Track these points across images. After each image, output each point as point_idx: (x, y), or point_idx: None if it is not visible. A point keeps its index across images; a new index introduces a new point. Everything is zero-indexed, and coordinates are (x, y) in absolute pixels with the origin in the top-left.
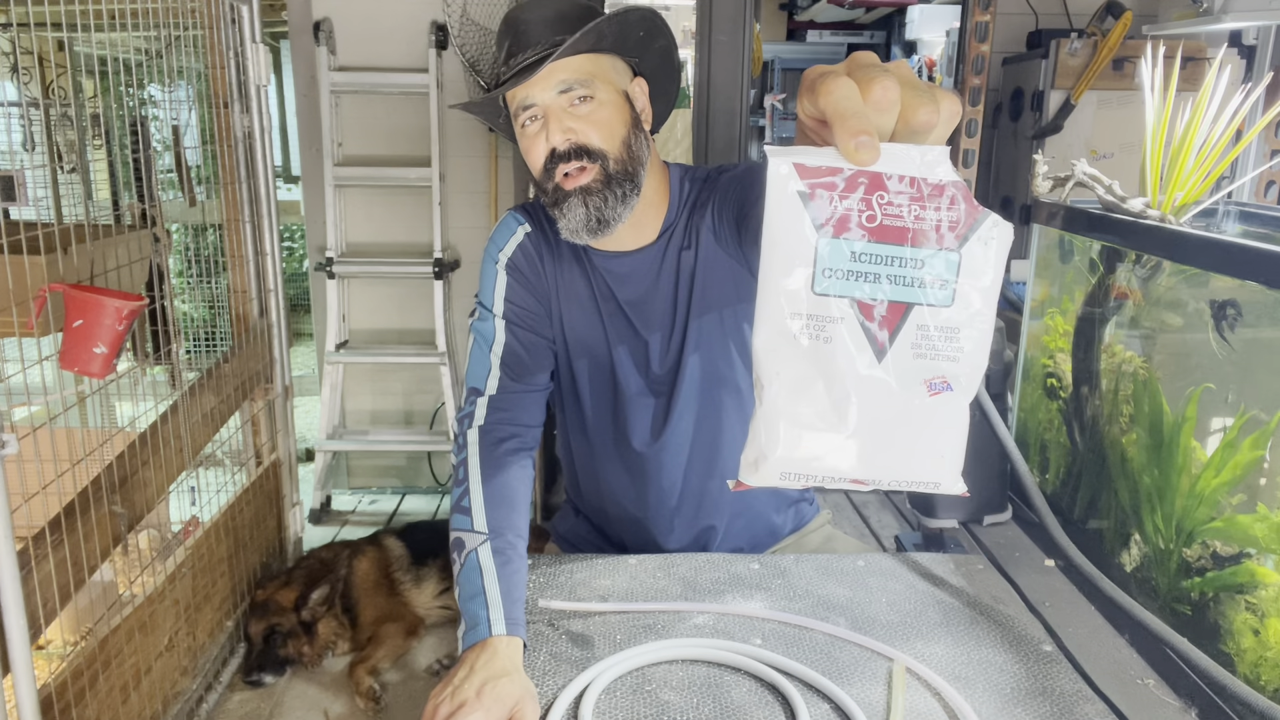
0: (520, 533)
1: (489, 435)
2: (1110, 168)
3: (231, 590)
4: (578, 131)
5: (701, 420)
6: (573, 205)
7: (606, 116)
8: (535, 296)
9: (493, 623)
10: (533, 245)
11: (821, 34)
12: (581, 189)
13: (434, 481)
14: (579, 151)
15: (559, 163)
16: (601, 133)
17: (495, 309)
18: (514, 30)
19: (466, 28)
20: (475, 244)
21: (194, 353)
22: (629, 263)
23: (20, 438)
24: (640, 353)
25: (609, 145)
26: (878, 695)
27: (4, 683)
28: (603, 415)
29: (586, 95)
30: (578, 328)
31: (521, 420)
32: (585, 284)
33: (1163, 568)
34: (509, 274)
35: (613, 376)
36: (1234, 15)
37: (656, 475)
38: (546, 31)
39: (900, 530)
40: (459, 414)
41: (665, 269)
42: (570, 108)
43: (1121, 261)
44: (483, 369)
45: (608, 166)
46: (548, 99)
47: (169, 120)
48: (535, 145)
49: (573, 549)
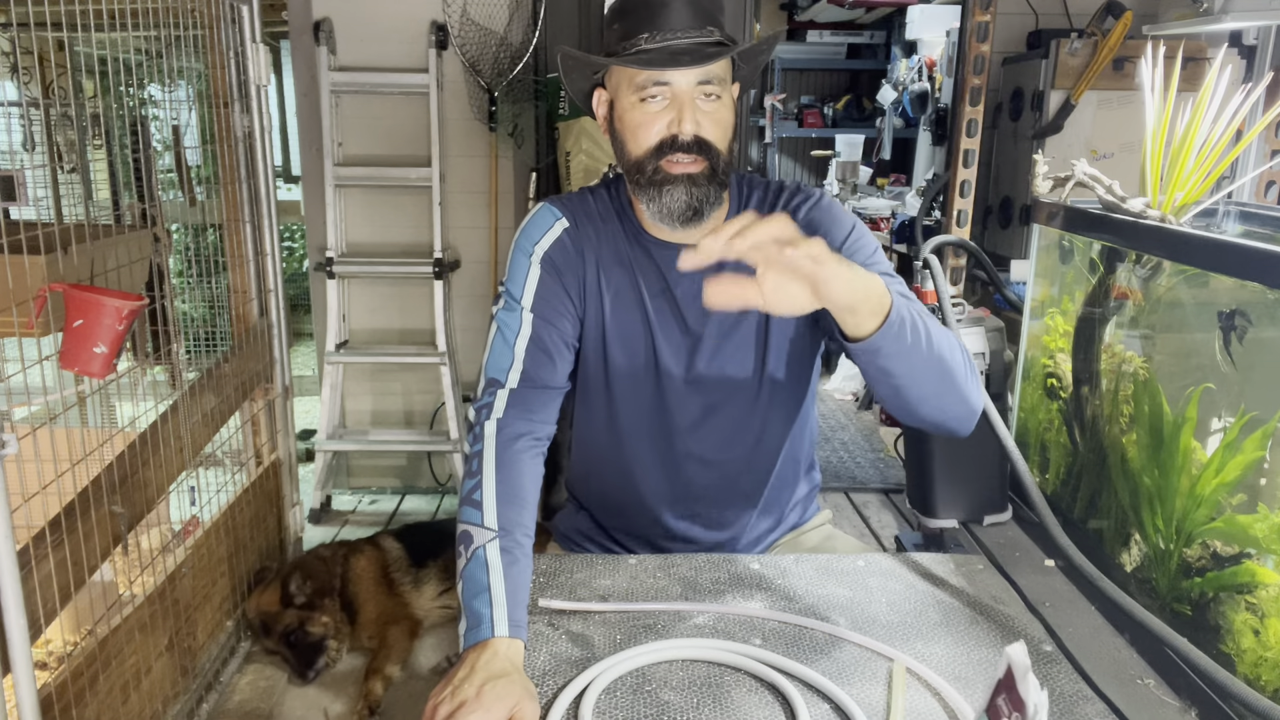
0: (528, 532)
1: (506, 430)
2: (1110, 168)
3: (231, 590)
4: (703, 126)
5: (743, 415)
6: (676, 190)
7: (726, 117)
8: (569, 293)
9: (495, 623)
10: (571, 240)
11: (821, 34)
12: (688, 176)
13: (434, 482)
14: (699, 145)
15: (676, 150)
16: (720, 132)
17: (524, 301)
18: (652, 3)
19: (466, 28)
20: (475, 244)
21: (194, 353)
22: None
23: (20, 438)
24: (687, 346)
25: (721, 144)
26: (878, 695)
27: (4, 683)
28: (639, 408)
29: (718, 94)
30: (620, 321)
31: (539, 417)
32: (629, 278)
33: (1163, 568)
34: (543, 268)
35: (655, 369)
36: (1234, 15)
37: (690, 468)
38: (693, 16)
39: (900, 530)
40: (476, 403)
41: (727, 266)
42: (700, 100)
43: (1121, 261)
44: (505, 360)
45: (716, 164)
46: (685, 85)
47: (169, 120)
48: (653, 123)
49: (575, 547)
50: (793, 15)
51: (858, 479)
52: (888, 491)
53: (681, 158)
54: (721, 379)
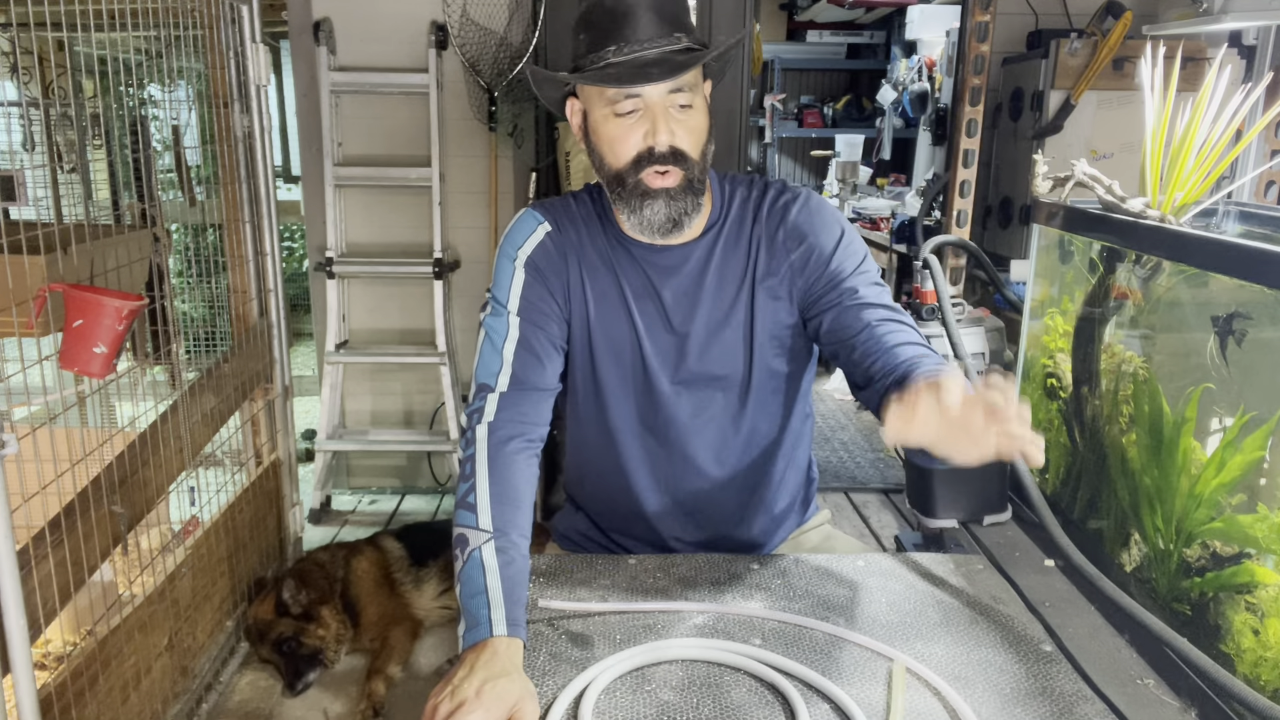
0: (524, 532)
1: (497, 433)
2: (1110, 168)
3: (231, 590)
4: (678, 136)
5: (733, 415)
6: (656, 204)
7: (700, 124)
8: (554, 296)
9: (494, 623)
10: (554, 244)
11: (821, 34)
12: (666, 190)
13: (434, 482)
14: (675, 155)
15: (653, 163)
16: (695, 140)
17: (510, 305)
18: (617, 14)
19: (466, 28)
20: (475, 244)
21: (194, 353)
22: (676, 255)
23: (20, 438)
24: (674, 346)
25: (696, 152)
26: (878, 695)
27: (4, 683)
28: (628, 409)
29: (690, 103)
30: (605, 323)
31: (530, 419)
32: (613, 280)
33: (1163, 568)
34: (527, 272)
35: (643, 371)
36: (1234, 15)
37: (683, 469)
38: (660, 25)
39: (900, 530)
40: (468, 409)
41: (712, 266)
42: (673, 110)
43: (1121, 261)
44: (494, 365)
45: (692, 173)
46: (657, 96)
47: (169, 120)
48: (629, 136)
49: (575, 547)
50: (793, 15)
51: (858, 479)
52: (888, 491)
53: (659, 168)
54: (710, 379)
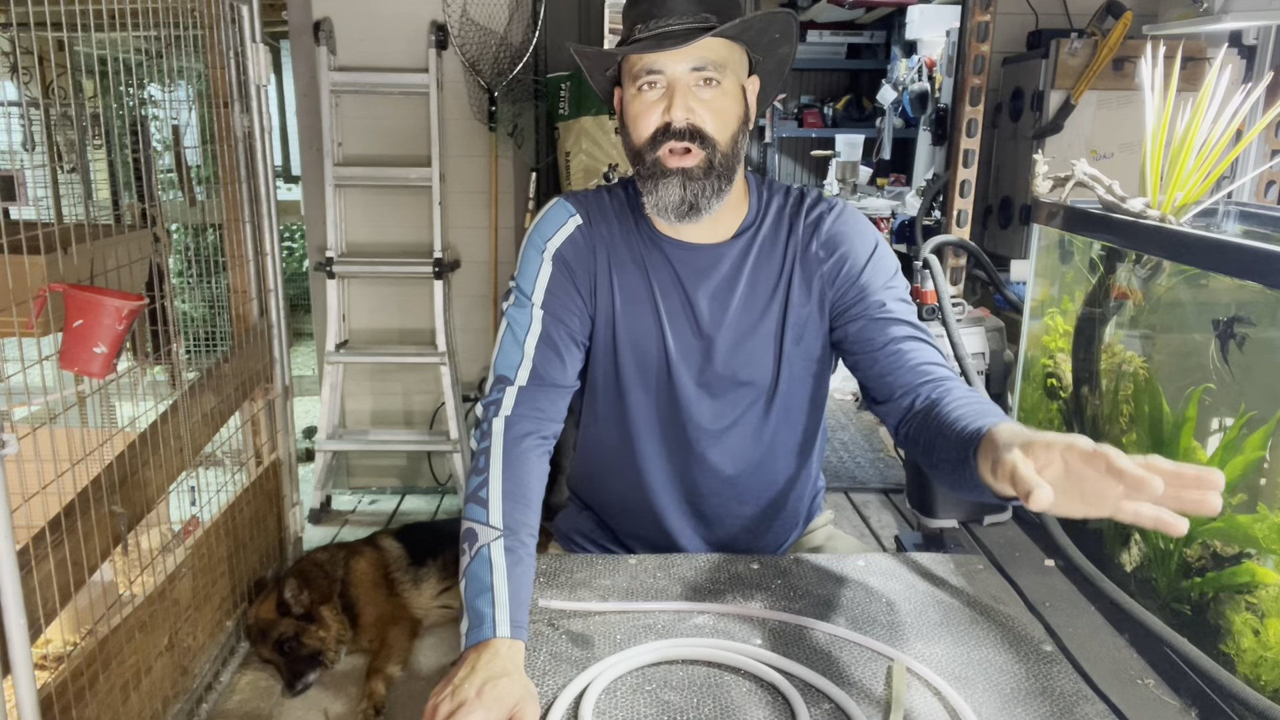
0: (533, 532)
1: (514, 428)
2: (1110, 168)
3: (231, 590)
4: (697, 113)
5: (756, 421)
6: (670, 184)
7: (726, 106)
8: (579, 291)
9: (498, 623)
10: (584, 238)
11: (821, 34)
12: (683, 170)
13: (434, 482)
14: (693, 133)
15: (670, 139)
16: (718, 120)
17: (535, 298)
18: None
19: (466, 28)
20: (475, 244)
21: (194, 353)
22: (708, 256)
23: (20, 438)
24: (700, 348)
25: (720, 135)
26: (878, 695)
27: (4, 683)
28: (649, 409)
29: (715, 79)
30: (630, 320)
31: (547, 415)
32: (641, 276)
33: (1163, 568)
34: (555, 265)
35: (666, 370)
36: (1234, 15)
37: (700, 472)
38: (691, 4)
39: (900, 530)
40: (485, 399)
41: (746, 270)
42: (696, 87)
43: (1121, 261)
44: (514, 357)
45: (713, 155)
46: (678, 72)
47: (169, 120)
48: (649, 113)
49: (577, 548)
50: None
51: (858, 479)
52: (888, 491)
53: (675, 145)
54: (734, 383)
